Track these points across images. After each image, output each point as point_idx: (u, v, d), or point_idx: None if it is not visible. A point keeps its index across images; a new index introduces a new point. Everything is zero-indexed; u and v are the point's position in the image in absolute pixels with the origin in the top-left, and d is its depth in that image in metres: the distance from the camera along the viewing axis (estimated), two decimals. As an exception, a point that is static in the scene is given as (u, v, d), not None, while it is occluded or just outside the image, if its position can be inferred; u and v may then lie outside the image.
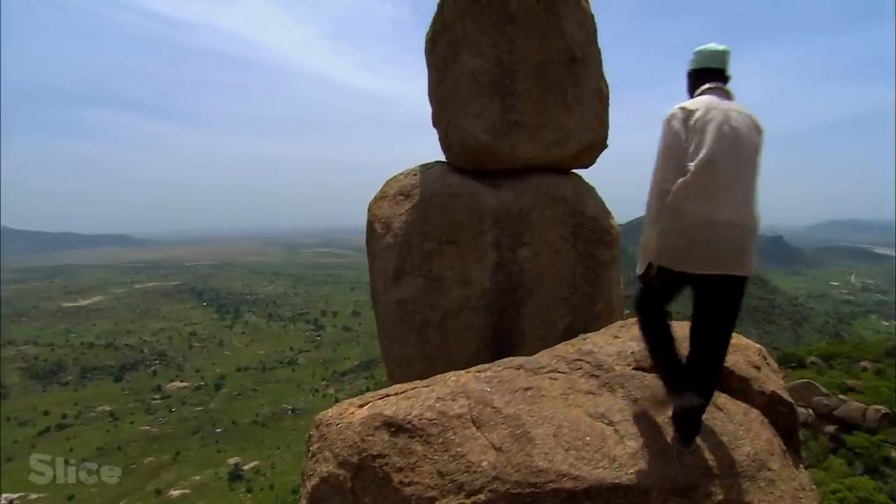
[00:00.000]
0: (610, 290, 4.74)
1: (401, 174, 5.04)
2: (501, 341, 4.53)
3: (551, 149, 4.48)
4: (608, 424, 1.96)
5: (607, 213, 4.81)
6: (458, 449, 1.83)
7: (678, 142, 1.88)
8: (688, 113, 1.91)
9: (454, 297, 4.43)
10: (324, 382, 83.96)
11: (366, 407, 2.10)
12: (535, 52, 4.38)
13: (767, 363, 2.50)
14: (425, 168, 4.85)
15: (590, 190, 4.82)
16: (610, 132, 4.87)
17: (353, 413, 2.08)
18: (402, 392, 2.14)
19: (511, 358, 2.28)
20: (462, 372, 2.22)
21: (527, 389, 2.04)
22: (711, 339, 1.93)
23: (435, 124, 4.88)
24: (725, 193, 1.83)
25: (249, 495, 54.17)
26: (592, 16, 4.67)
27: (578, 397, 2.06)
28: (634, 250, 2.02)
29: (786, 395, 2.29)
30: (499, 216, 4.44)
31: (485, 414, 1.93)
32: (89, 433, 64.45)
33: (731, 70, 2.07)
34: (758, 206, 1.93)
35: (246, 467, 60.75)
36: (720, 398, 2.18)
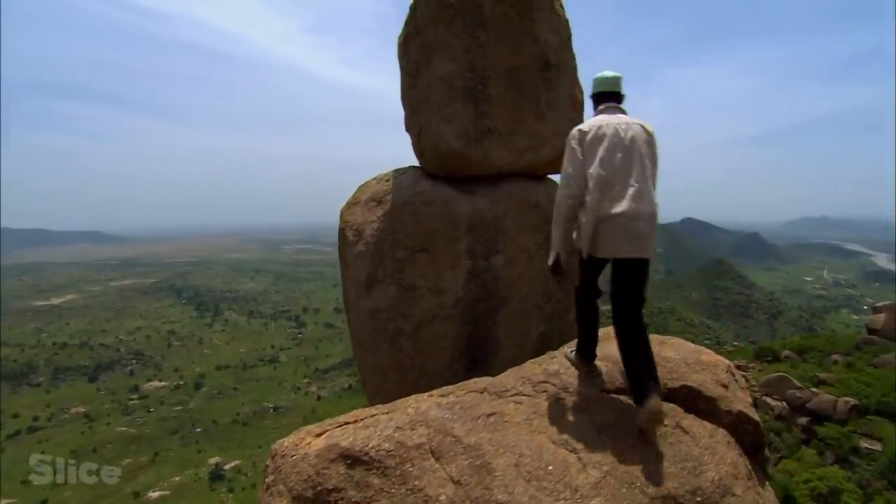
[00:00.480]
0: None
1: (373, 179, 4.93)
2: (476, 350, 4.48)
3: (525, 155, 4.42)
4: (571, 451, 1.91)
5: (581, 220, 4.78)
6: (416, 482, 1.76)
7: (576, 158, 2.31)
8: (583, 134, 2.34)
9: (427, 306, 4.35)
10: (306, 380, 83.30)
11: (323, 436, 2.01)
12: (508, 58, 4.31)
13: (735, 379, 2.49)
14: (398, 173, 4.75)
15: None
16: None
17: (309, 444, 1.99)
18: (361, 420, 2.06)
19: (476, 379, 2.21)
20: (424, 396, 2.14)
21: (489, 415, 1.98)
22: (624, 309, 2.26)
23: (408, 129, 4.78)
24: (623, 191, 2.21)
25: (231, 495, 53.37)
26: (567, 20, 4.61)
27: (543, 422, 2.01)
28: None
29: (752, 414, 2.28)
30: (473, 223, 4.37)
31: (444, 444, 1.86)
32: (62, 435, 62.71)
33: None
34: (655, 197, 2.29)
35: (227, 467, 59.86)
36: (686, 420, 2.15)
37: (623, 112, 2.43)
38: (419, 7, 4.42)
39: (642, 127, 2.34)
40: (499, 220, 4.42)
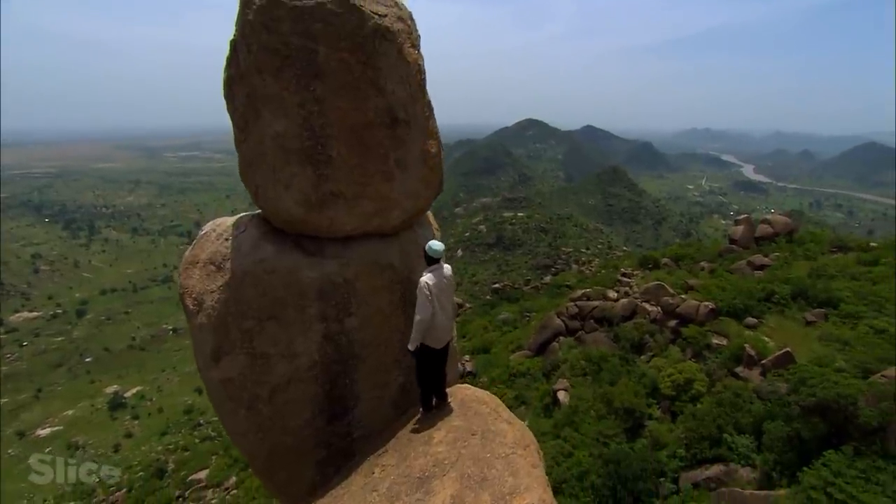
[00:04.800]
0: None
1: (213, 232, 4.39)
2: (335, 406, 4.54)
3: (372, 220, 4.18)
4: None
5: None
6: None
7: (425, 298, 3.77)
8: (428, 284, 3.79)
9: (282, 372, 4.24)
10: (207, 300, 79.72)
11: None
12: (349, 114, 3.84)
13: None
14: (238, 230, 4.26)
15: (420, 251, 4.69)
16: (495, 29, 4.59)
17: None
18: None
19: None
20: None
21: None
22: (441, 372, 4.22)
23: (243, 180, 4.22)
24: (443, 313, 3.95)
25: (136, 422, 52.06)
26: (419, 64, 4.13)
27: None
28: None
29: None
30: (323, 289, 4.17)
31: None
32: (-89, 385, 55.31)
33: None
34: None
35: (127, 394, 57.64)
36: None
37: (443, 265, 4.06)
38: (241, 50, 3.69)
39: (450, 273, 4.11)
40: (350, 283, 4.27)
